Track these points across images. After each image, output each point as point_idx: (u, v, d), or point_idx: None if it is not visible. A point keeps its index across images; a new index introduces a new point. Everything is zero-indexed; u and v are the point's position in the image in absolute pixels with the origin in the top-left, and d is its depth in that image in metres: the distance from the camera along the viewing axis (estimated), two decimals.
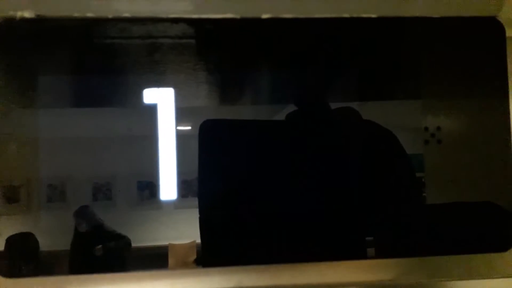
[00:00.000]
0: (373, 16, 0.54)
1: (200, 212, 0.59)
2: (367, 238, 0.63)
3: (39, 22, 0.47)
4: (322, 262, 0.58)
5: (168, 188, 0.60)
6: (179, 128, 0.60)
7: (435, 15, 0.57)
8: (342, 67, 0.63)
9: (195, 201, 0.59)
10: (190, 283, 0.55)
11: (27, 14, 0.47)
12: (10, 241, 0.57)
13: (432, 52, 0.63)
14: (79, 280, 0.51)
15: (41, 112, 0.61)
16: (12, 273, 0.53)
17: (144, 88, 0.59)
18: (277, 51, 0.61)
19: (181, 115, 0.60)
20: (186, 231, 0.61)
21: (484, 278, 0.60)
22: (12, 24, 0.48)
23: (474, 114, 0.63)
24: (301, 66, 0.62)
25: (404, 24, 0.58)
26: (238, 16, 0.51)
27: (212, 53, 0.59)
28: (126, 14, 0.48)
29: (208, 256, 0.59)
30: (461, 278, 0.60)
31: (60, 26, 0.50)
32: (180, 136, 0.60)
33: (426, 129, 0.63)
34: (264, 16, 0.52)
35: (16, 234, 0.57)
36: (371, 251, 0.63)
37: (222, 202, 0.60)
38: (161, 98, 0.58)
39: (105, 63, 0.59)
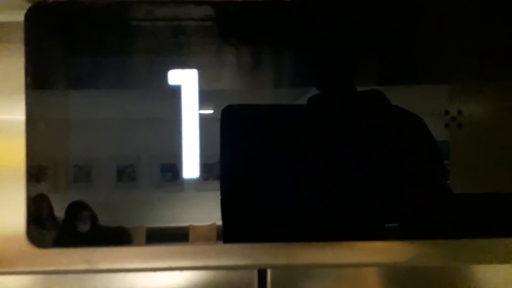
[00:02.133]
0: None
1: (222, 195, 0.60)
2: (391, 224, 0.63)
3: (70, 4, 0.49)
4: (339, 242, 0.58)
5: (190, 167, 0.61)
6: (202, 111, 0.61)
7: None
8: (365, 50, 0.63)
9: (216, 184, 0.60)
10: (210, 259, 0.56)
11: None
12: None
13: (455, 33, 0.62)
14: (106, 252, 0.53)
15: (68, 93, 0.62)
16: (44, 243, 0.56)
17: (169, 69, 0.59)
18: (300, 33, 0.61)
19: (205, 98, 0.61)
20: (207, 213, 0.62)
21: (502, 263, 0.59)
22: (45, 7, 0.49)
23: (497, 98, 0.62)
24: (324, 49, 0.62)
25: (428, 5, 0.57)
26: None
27: (236, 36, 0.59)
28: None
29: (229, 238, 0.60)
30: (478, 262, 0.59)
31: (90, 8, 0.51)
32: (202, 119, 0.61)
33: (447, 112, 0.63)
34: None
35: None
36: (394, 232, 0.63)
37: (243, 186, 0.61)
38: (185, 80, 0.59)
39: (131, 45, 0.60)
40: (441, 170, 0.63)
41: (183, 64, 0.59)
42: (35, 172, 0.59)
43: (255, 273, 0.58)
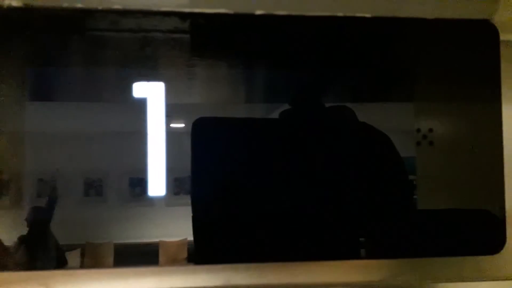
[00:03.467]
0: (368, 15, 0.54)
1: (193, 210, 0.58)
2: (360, 239, 0.63)
3: (27, 11, 0.47)
4: (311, 261, 0.58)
5: (156, 184, 0.59)
6: (172, 125, 0.60)
7: (430, 17, 0.57)
8: (335, 66, 0.63)
9: (186, 199, 0.59)
10: (178, 280, 0.54)
11: (15, 3, 0.47)
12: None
13: (425, 53, 0.63)
14: (66, 275, 0.50)
15: (31, 105, 0.60)
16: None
17: (134, 82, 0.58)
18: (269, 48, 0.61)
19: (173, 111, 0.60)
20: (177, 229, 0.61)
21: (473, 281, 0.60)
22: None
23: (467, 117, 0.63)
24: (294, 65, 0.62)
25: (398, 24, 0.58)
26: (231, 12, 0.51)
27: (204, 48, 0.58)
28: (117, 6, 0.48)
29: (201, 254, 0.59)
30: (451, 280, 0.60)
31: (48, 16, 0.49)
32: (172, 133, 0.60)
33: (419, 130, 0.63)
34: (258, 12, 0.52)
35: None
36: (362, 251, 0.63)
37: (215, 200, 0.60)
38: (151, 93, 0.58)
39: (95, 56, 0.58)
40: (406, 186, 0.63)
41: (150, 77, 0.58)
42: None
43: None
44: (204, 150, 0.60)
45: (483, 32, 0.59)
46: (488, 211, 0.62)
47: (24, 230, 0.59)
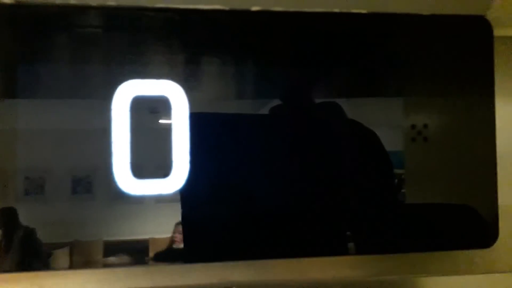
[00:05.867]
0: (363, 11, 0.54)
1: (183, 207, 0.58)
2: (348, 234, 0.63)
3: (19, 8, 0.45)
4: (303, 258, 0.58)
5: None
6: (164, 121, 0.59)
7: (424, 12, 0.58)
8: (328, 63, 0.63)
9: (176, 195, 0.58)
10: (172, 279, 0.54)
11: None
12: None
13: (420, 49, 0.63)
14: (59, 276, 0.50)
15: (19, 102, 0.59)
16: None
17: (126, 80, 0.57)
18: (264, 44, 0.60)
19: (167, 108, 0.59)
20: (168, 226, 0.61)
21: (466, 274, 0.61)
22: None
23: (460, 113, 0.63)
24: (287, 61, 0.62)
25: (393, 20, 0.58)
26: (227, 8, 0.50)
27: (199, 45, 0.57)
28: (111, 3, 0.47)
29: (190, 251, 0.58)
30: (443, 274, 0.60)
31: (41, 13, 0.48)
32: (160, 129, 0.59)
33: (413, 126, 0.63)
34: (254, 8, 0.51)
35: None
36: (352, 247, 0.63)
37: (205, 197, 0.59)
38: (146, 91, 0.56)
39: (87, 53, 0.57)
40: (392, 183, 0.64)
41: (140, 73, 0.57)
42: None
43: None
44: (194, 146, 0.59)
45: (477, 28, 0.60)
46: (480, 205, 0.62)
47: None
